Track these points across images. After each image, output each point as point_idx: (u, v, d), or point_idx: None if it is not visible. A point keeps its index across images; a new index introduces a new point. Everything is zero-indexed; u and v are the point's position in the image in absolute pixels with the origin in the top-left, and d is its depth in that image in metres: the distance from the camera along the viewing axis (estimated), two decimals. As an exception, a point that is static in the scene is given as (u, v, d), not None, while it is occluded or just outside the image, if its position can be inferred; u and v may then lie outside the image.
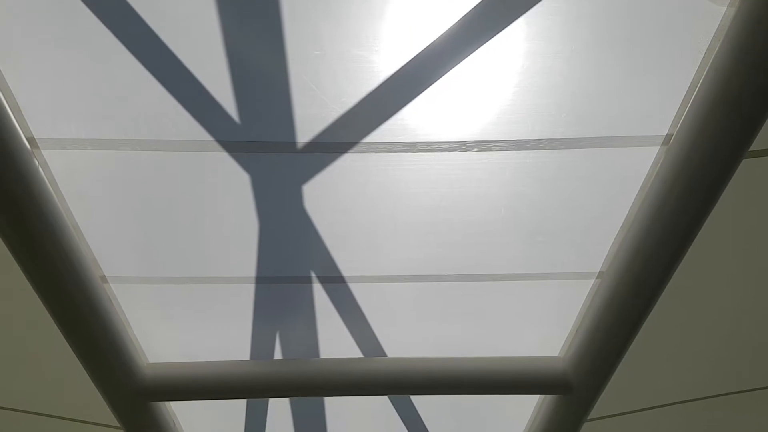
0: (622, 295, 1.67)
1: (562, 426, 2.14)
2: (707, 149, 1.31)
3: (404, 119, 1.45)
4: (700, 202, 1.38)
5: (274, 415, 2.45)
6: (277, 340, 2.07)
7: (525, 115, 1.43)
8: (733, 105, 1.24)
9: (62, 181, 1.53)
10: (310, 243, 1.74)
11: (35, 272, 1.54)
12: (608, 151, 1.50)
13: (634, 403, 2.39)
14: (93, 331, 1.73)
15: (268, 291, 1.90)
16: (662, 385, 2.33)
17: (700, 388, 2.37)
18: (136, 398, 1.96)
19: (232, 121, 1.43)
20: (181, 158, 1.51)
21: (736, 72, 1.21)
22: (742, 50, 1.18)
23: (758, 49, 1.16)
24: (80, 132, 1.45)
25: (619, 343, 1.79)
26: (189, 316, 1.96)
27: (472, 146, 1.49)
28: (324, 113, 1.43)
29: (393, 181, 1.59)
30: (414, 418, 2.46)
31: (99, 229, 1.67)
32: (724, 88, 1.23)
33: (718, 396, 2.40)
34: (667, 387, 2.35)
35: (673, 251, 1.49)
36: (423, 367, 1.99)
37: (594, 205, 1.63)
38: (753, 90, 1.20)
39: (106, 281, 1.79)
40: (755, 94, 1.21)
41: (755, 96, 1.21)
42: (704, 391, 2.38)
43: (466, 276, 1.84)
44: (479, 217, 1.66)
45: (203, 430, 2.52)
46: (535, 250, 1.76)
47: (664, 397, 2.39)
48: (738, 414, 2.55)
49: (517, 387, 2.00)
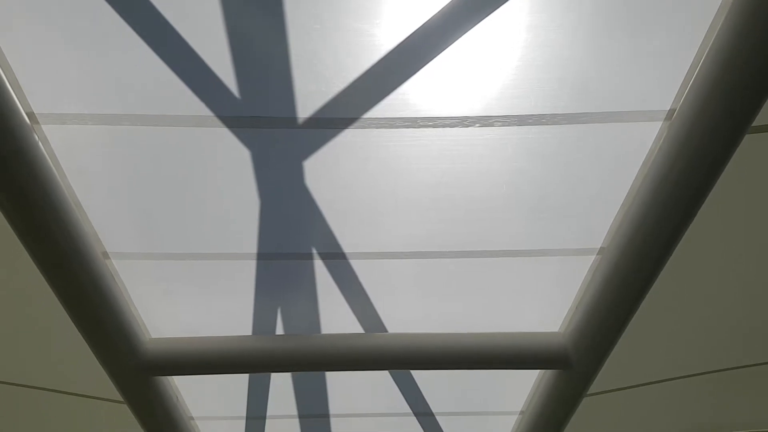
0: (622, 271, 1.67)
1: (562, 400, 2.16)
2: (710, 124, 1.31)
3: (405, 94, 1.44)
4: (702, 178, 1.38)
5: (276, 390, 2.47)
6: (278, 316, 2.08)
7: (527, 90, 1.42)
8: (736, 80, 1.23)
9: (62, 157, 1.53)
10: (311, 219, 1.74)
11: (37, 248, 1.55)
12: (611, 126, 1.49)
13: (633, 378, 2.41)
14: (96, 307, 1.74)
15: (269, 267, 1.91)
16: (661, 360, 2.35)
17: (699, 364, 2.38)
18: (138, 373, 1.98)
19: (233, 96, 1.42)
20: (182, 133, 1.51)
21: (740, 47, 1.19)
22: (746, 25, 1.17)
23: (762, 25, 1.15)
24: (80, 107, 1.44)
25: (619, 318, 1.80)
26: (191, 291, 1.97)
27: (474, 122, 1.48)
28: (324, 88, 1.42)
29: (394, 157, 1.58)
30: (415, 393, 2.48)
31: (100, 205, 1.67)
32: (728, 62, 1.22)
33: (717, 372, 2.41)
34: (665, 362, 2.37)
35: (674, 227, 1.49)
36: (424, 342, 2.00)
37: (596, 180, 1.63)
38: (756, 65, 1.19)
39: (108, 257, 1.79)
40: (759, 69, 1.19)
41: (758, 71, 1.20)
42: (702, 366, 2.40)
43: (467, 252, 1.84)
44: (481, 193, 1.66)
45: (206, 406, 2.55)
46: (537, 226, 1.76)
47: (663, 373, 2.41)
48: (736, 389, 2.57)
49: (518, 362, 2.01)
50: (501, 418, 2.63)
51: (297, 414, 2.63)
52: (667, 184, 1.42)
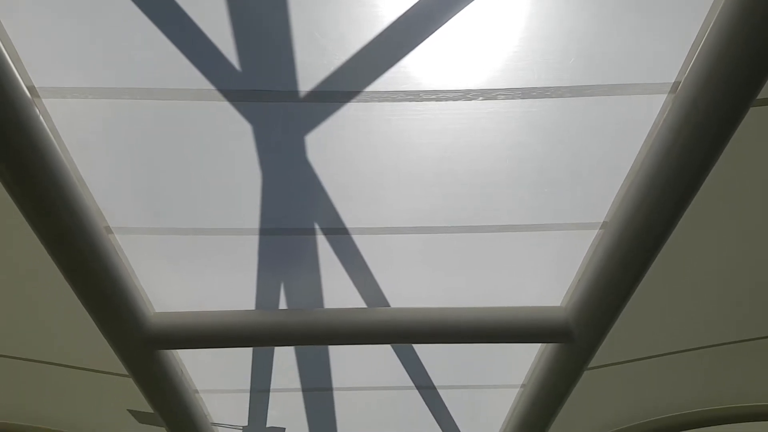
0: (625, 246, 1.68)
1: (563, 374, 2.18)
2: (715, 97, 1.30)
3: (408, 67, 1.43)
4: (706, 151, 1.37)
5: (280, 364, 2.49)
6: (281, 291, 2.09)
7: (531, 62, 1.41)
8: (741, 52, 1.22)
9: (64, 131, 1.52)
10: (313, 194, 1.74)
11: (41, 223, 1.55)
12: (615, 99, 1.48)
13: (634, 351, 2.43)
14: (100, 282, 1.75)
15: (272, 242, 1.91)
16: (662, 334, 2.36)
17: (699, 337, 2.40)
18: (143, 347, 2.00)
19: (233, 69, 1.41)
20: (183, 107, 1.50)
21: (745, 19, 1.18)
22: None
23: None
24: (80, 80, 1.43)
25: (621, 293, 1.80)
26: (194, 266, 1.97)
27: (477, 95, 1.47)
28: (326, 61, 1.41)
29: (397, 131, 1.57)
30: (417, 367, 2.50)
31: (102, 180, 1.67)
32: (733, 35, 1.21)
33: (717, 346, 2.43)
34: (666, 336, 2.38)
35: (677, 200, 1.49)
36: (426, 316, 2.02)
37: (600, 154, 1.62)
38: (761, 38, 1.18)
39: (111, 232, 1.79)
40: (763, 42, 1.18)
41: (763, 44, 1.18)
42: (703, 340, 2.41)
43: (470, 227, 1.84)
44: (484, 167, 1.65)
45: (210, 379, 2.58)
46: (540, 201, 1.76)
47: (664, 347, 2.42)
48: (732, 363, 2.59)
49: (520, 336, 2.03)
50: (502, 391, 2.66)
51: (300, 387, 2.65)
52: (671, 158, 1.42)
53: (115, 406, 2.75)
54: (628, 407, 2.97)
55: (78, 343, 2.30)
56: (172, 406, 2.35)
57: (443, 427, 3.02)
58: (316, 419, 2.93)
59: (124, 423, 2.85)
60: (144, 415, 2.72)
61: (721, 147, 1.37)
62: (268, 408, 2.82)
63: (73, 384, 2.58)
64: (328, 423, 2.96)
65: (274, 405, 2.79)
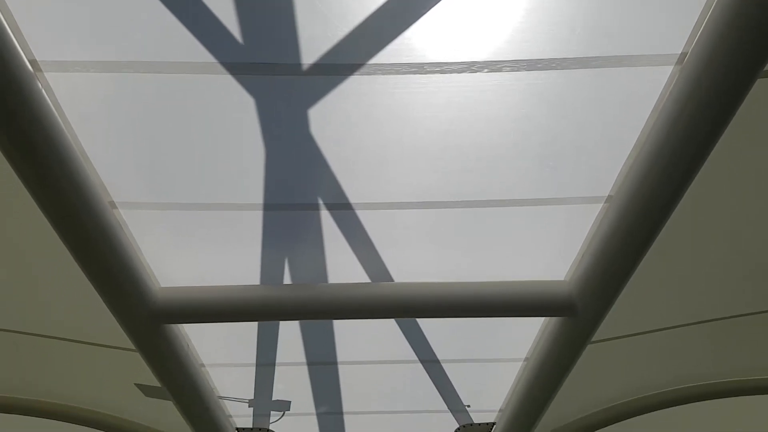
0: (629, 220, 1.67)
1: (567, 347, 2.19)
2: (721, 68, 1.28)
3: (412, 39, 1.41)
4: (712, 123, 1.36)
5: (285, 338, 2.51)
6: (286, 266, 2.09)
7: (537, 34, 1.39)
8: (748, 23, 1.20)
9: (66, 105, 1.52)
10: (316, 169, 1.73)
11: (45, 198, 1.55)
12: (621, 70, 1.46)
13: (637, 325, 2.44)
14: (105, 257, 1.76)
15: (276, 217, 1.91)
16: (665, 308, 2.37)
17: (703, 311, 2.40)
18: (149, 321, 2.02)
19: (236, 41, 1.40)
20: (185, 81, 1.49)
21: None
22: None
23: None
24: (83, 54, 1.42)
25: (625, 266, 1.80)
26: (198, 241, 1.98)
27: (482, 67, 1.46)
28: (329, 33, 1.39)
29: (400, 104, 1.56)
30: (420, 341, 2.52)
31: (105, 155, 1.67)
32: (740, 6, 1.19)
33: (720, 319, 2.43)
34: (668, 310, 2.39)
35: (683, 173, 1.48)
36: (430, 291, 2.02)
37: (605, 127, 1.61)
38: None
39: (116, 207, 1.80)
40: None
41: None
42: (706, 314, 2.42)
43: (474, 201, 1.84)
44: (489, 141, 1.64)
45: (216, 353, 2.60)
46: (545, 175, 1.75)
47: (668, 320, 2.43)
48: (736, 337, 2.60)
49: (524, 310, 2.04)
50: (506, 364, 2.68)
51: (305, 362, 2.68)
52: (677, 129, 1.40)
53: (122, 381, 2.78)
54: (632, 381, 2.99)
55: (84, 318, 2.32)
56: (178, 380, 2.38)
57: (447, 401, 3.05)
58: (321, 392, 2.96)
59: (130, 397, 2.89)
60: (151, 389, 2.76)
61: (727, 119, 1.35)
62: (274, 381, 2.85)
63: (81, 358, 2.61)
64: (333, 396, 3.00)
65: (280, 378, 2.82)
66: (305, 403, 3.06)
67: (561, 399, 2.55)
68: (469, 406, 3.09)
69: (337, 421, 3.28)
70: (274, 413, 3.19)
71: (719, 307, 2.39)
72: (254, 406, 3.09)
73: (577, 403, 3.08)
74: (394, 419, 3.28)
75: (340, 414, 3.21)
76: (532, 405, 2.59)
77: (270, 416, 3.23)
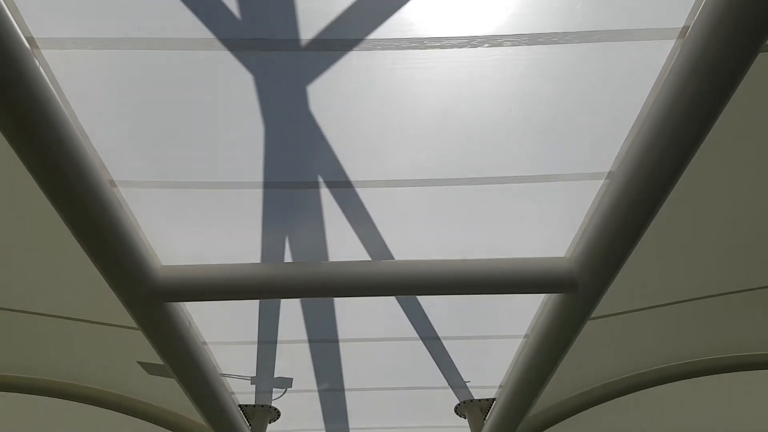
0: (630, 196, 1.67)
1: (566, 324, 2.20)
2: (724, 42, 1.27)
3: (411, 14, 1.40)
4: (714, 97, 1.35)
5: (287, 316, 2.53)
6: (286, 244, 2.10)
7: (538, 8, 1.37)
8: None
9: (64, 83, 1.51)
10: (316, 147, 1.73)
11: (45, 177, 1.54)
12: (623, 44, 1.45)
13: (636, 302, 2.45)
14: (106, 235, 1.75)
15: (276, 195, 1.91)
16: (664, 284, 2.37)
17: (701, 287, 2.41)
18: (151, 299, 2.02)
19: (234, 17, 1.39)
20: (183, 57, 1.48)
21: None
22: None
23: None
24: (80, 31, 1.41)
25: (625, 243, 1.80)
26: (198, 219, 1.98)
27: (482, 41, 1.44)
28: (327, 7, 1.38)
29: (400, 80, 1.55)
30: (421, 318, 2.53)
31: (104, 133, 1.66)
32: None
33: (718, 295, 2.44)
34: (667, 287, 2.40)
35: (684, 149, 1.47)
36: (431, 269, 2.03)
37: (606, 102, 1.60)
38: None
39: (115, 185, 1.79)
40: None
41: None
42: (704, 290, 2.42)
43: (474, 179, 1.84)
44: (489, 117, 1.63)
45: (218, 331, 2.62)
46: (546, 151, 1.74)
47: (666, 296, 2.44)
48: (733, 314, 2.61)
49: (524, 286, 2.04)
50: (506, 341, 2.70)
51: (307, 339, 2.69)
52: (679, 105, 1.39)
53: (125, 359, 2.80)
54: (631, 357, 3.01)
55: (86, 296, 2.33)
56: (181, 358, 2.40)
57: (447, 377, 3.07)
58: (322, 370, 2.99)
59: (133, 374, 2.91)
60: (154, 367, 2.78)
61: (729, 93, 1.34)
62: (276, 359, 2.87)
63: (85, 337, 2.62)
64: (335, 373, 3.02)
65: (282, 356, 2.84)
66: (307, 380, 3.09)
67: (560, 375, 2.57)
68: (469, 381, 3.12)
69: (338, 397, 3.31)
70: (276, 390, 3.22)
71: (717, 283, 2.39)
72: (256, 384, 3.11)
73: (577, 379, 3.11)
74: (395, 396, 3.31)
75: (341, 391, 3.23)
76: (532, 381, 2.61)
77: (272, 393, 3.26)
